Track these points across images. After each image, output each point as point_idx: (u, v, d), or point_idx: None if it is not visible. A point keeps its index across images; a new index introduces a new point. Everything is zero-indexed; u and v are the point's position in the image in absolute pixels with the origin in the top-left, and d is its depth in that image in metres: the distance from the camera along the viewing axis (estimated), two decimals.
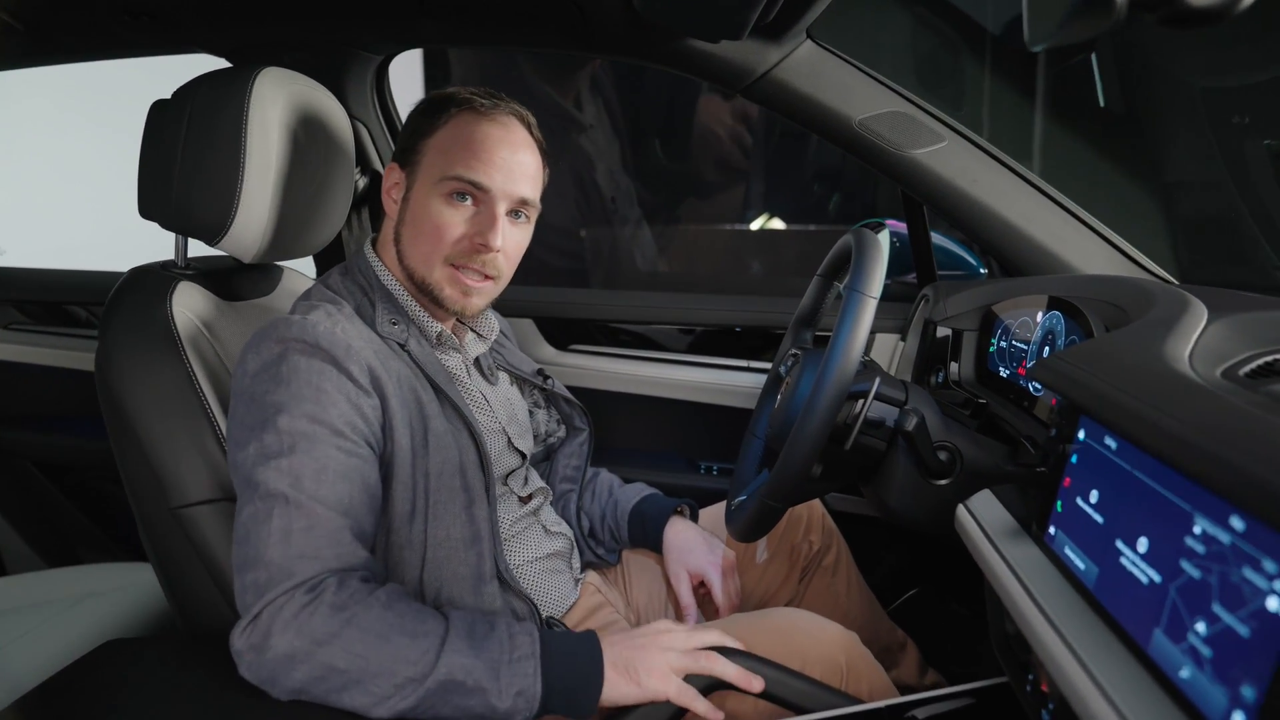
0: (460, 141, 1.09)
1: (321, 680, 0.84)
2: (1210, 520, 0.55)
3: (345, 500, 0.92)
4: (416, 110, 1.16)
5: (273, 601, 0.85)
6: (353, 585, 0.88)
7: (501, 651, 0.87)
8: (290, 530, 0.88)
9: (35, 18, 1.52)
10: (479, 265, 1.10)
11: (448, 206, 1.09)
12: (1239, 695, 0.49)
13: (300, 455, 0.92)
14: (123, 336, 1.09)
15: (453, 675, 0.84)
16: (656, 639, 0.94)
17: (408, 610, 0.88)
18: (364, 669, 0.83)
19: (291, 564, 0.87)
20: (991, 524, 0.89)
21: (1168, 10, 0.58)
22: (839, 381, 0.94)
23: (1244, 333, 0.83)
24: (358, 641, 0.84)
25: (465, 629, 0.89)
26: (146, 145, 1.17)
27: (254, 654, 0.85)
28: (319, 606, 0.85)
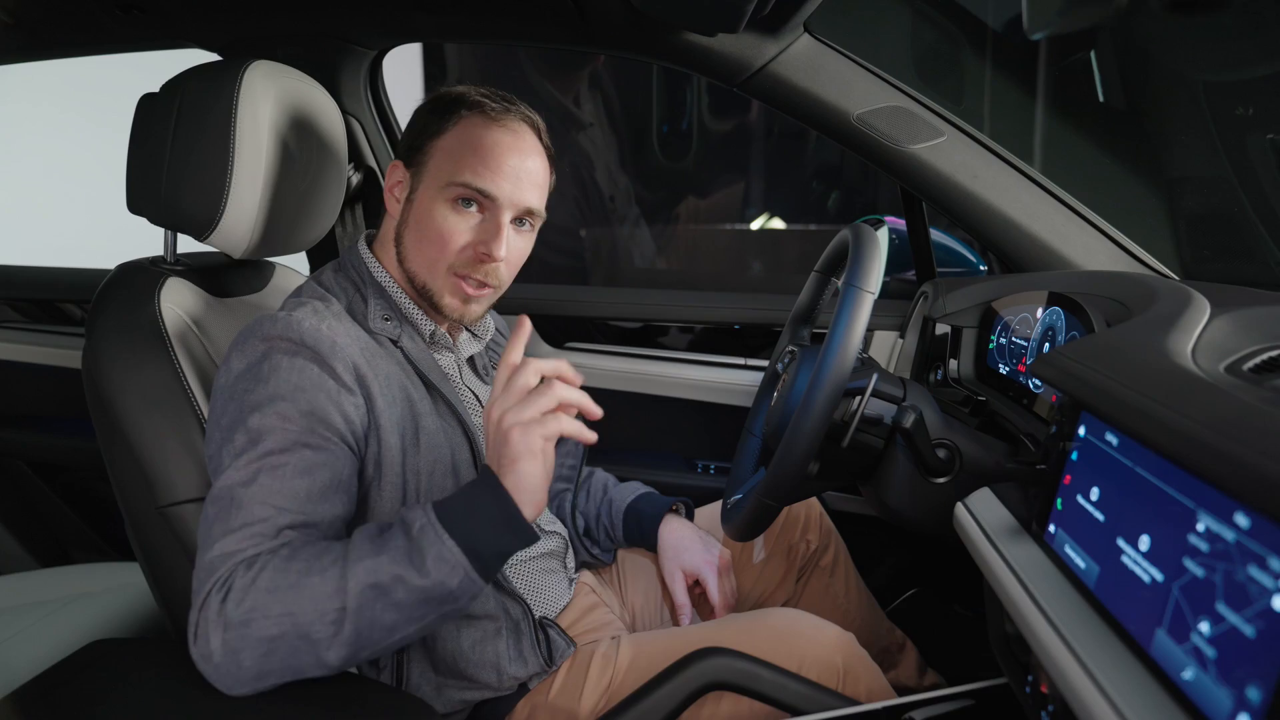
0: (469, 146, 1.06)
1: (269, 656, 0.81)
2: (1214, 517, 0.54)
3: (299, 495, 0.89)
4: (424, 108, 1.13)
5: (200, 607, 0.83)
6: (262, 559, 0.85)
7: (402, 537, 0.84)
8: (228, 529, 0.86)
9: (26, 13, 1.51)
10: (481, 275, 1.08)
11: (453, 213, 1.07)
12: (1244, 697, 0.48)
13: (260, 451, 0.90)
14: (110, 333, 1.08)
15: (369, 581, 0.81)
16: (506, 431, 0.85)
17: (309, 552, 0.85)
18: (294, 623, 0.81)
19: (215, 563, 0.84)
20: (991, 523, 0.87)
21: None
22: (835, 377, 0.92)
23: (1247, 328, 0.81)
24: (275, 603, 0.81)
25: (364, 538, 0.85)
26: (135, 139, 1.15)
27: (206, 663, 0.82)
28: (230, 593, 0.82)
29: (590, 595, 1.26)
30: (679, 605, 1.28)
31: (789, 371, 1.16)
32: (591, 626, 1.21)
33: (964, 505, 0.94)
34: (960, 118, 1.41)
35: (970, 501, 0.94)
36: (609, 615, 1.25)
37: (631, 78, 3.03)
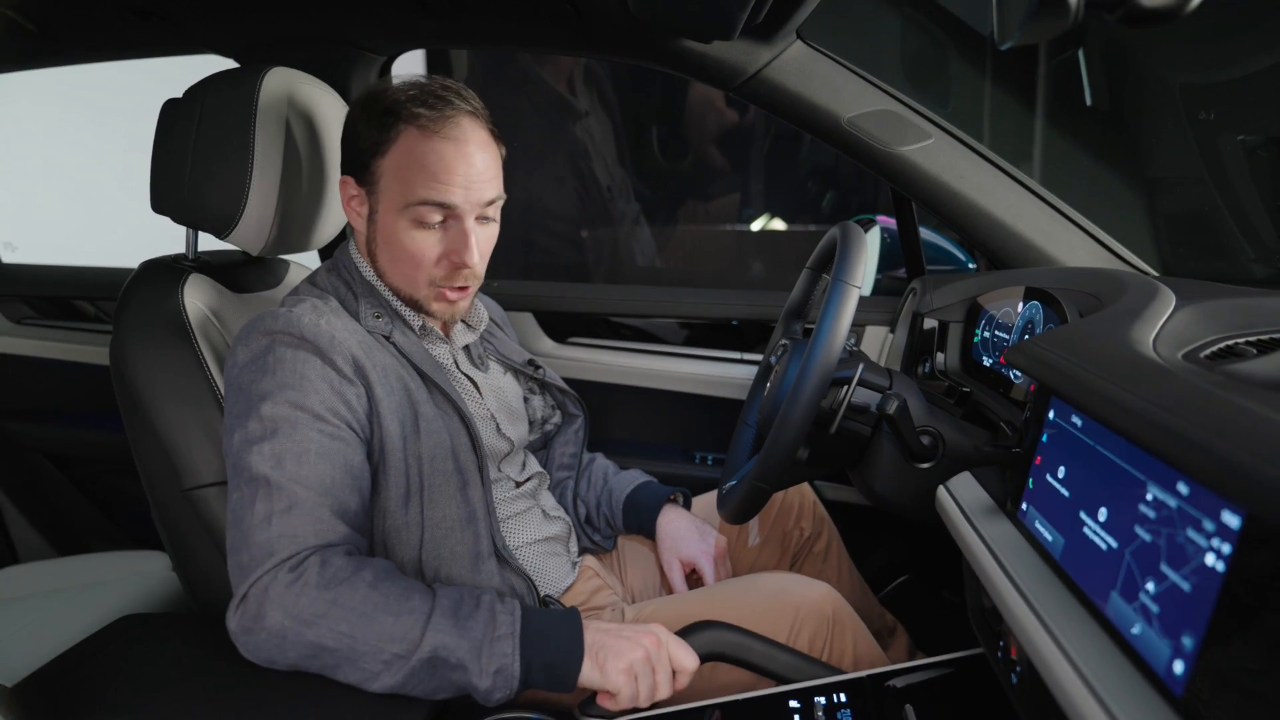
0: (414, 164, 1.07)
1: (313, 658, 0.88)
2: (1160, 487, 0.58)
3: (326, 480, 0.95)
4: (363, 113, 1.11)
5: (257, 581, 0.89)
6: (336, 563, 0.91)
7: (484, 630, 0.90)
8: (272, 512, 0.91)
9: (47, 20, 1.56)
10: (460, 281, 1.12)
11: (418, 230, 1.09)
12: (1180, 645, 0.53)
13: (282, 439, 0.95)
14: (136, 326, 1.13)
15: (437, 653, 0.88)
16: (638, 637, 0.95)
17: (393, 589, 0.91)
18: (352, 648, 0.87)
19: (273, 544, 0.90)
20: (970, 504, 0.92)
21: (1123, 10, 0.61)
22: (823, 366, 0.97)
23: (1208, 319, 0.86)
24: (343, 621, 0.87)
25: (450, 606, 0.91)
26: (159, 143, 1.20)
27: (247, 635, 0.88)
28: (305, 587, 0.88)
29: (594, 578, 1.31)
30: (676, 592, 1.32)
31: (781, 363, 1.21)
32: (596, 605, 1.26)
33: (945, 488, 0.99)
34: (947, 120, 1.46)
35: (951, 485, 0.99)
36: (612, 596, 1.30)
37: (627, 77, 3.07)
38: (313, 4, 1.45)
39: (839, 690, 0.90)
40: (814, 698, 0.89)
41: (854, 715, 0.86)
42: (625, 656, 0.92)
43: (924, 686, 0.89)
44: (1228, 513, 0.51)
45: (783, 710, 0.88)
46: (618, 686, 0.91)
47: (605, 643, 0.93)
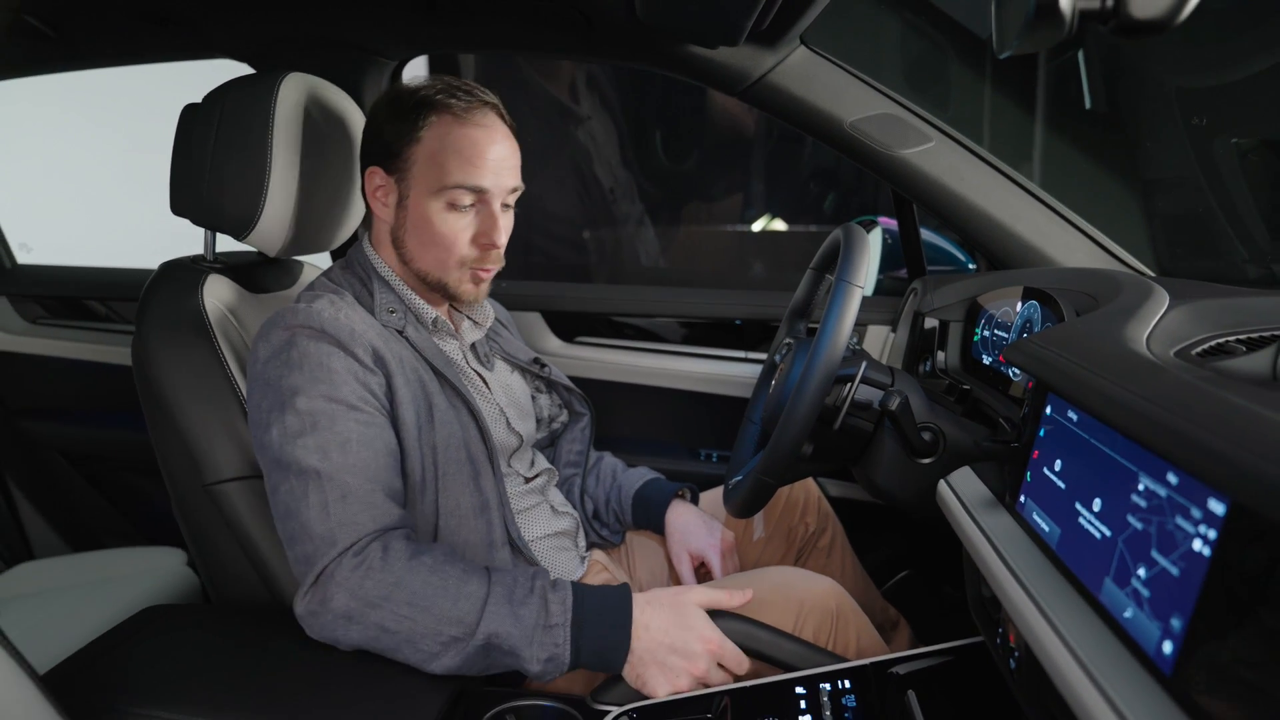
0: (450, 149, 1.12)
1: (376, 640, 0.92)
2: (1151, 478, 0.61)
3: (372, 466, 0.99)
4: (390, 111, 1.16)
5: (324, 569, 0.93)
6: (397, 547, 0.95)
7: (537, 617, 0.94)
8: (327, 502, 0.95)
9: (66, 26, 1.58)
10: (489, 263, 1.17)
11: (451, 214, 1.14)
12: (1169, 627, 0.55)
13: (323, 431, 0.98)
14: (158, 325, 1.15)
15: (490, 638, 0.92)
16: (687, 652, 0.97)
17: (452, 572, 0.95)
18: (412, 630, 0.91)
19: (334, 533, 0.94)
20: (970, 497, 0.95)
21: (1115, 22, 0.64)
22: (827, 363, 1.00)
23: (1200, 318, 0.89)
24: (405, 604, 0.91)
25: (505, 593, 0.96)
26: (178, 146, 1.23)
27: (313, 618, 0.93)
28: (369, 571, 0.92)
29: (603, 572, 1.34)
30: (685, 584, 1.35)
31: (786, 361, 1.24)
32: None
33: (946, 482, 1.01)
34: (948, 124, 1.49)
35: (952, 479, 1.01)
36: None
37: (633, 78, 3.10)
38: (326, 10, 1.47)
39: (843, 677, 0.93)
40: (819, 684, 0.92)
41: (858, 701, 0.89)
42: (671, 684, 0.96)
43: (926, 674, 0.92)
44: (1214, 500, 0.53)
45: (789, 697, 0.91)
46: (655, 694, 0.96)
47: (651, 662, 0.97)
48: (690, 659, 0.97)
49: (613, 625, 0.97)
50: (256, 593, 1.13)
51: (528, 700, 1.00)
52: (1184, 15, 0.64)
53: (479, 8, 1.41)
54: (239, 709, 0.85)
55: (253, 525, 1.11)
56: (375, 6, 1.44)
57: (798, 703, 0.90)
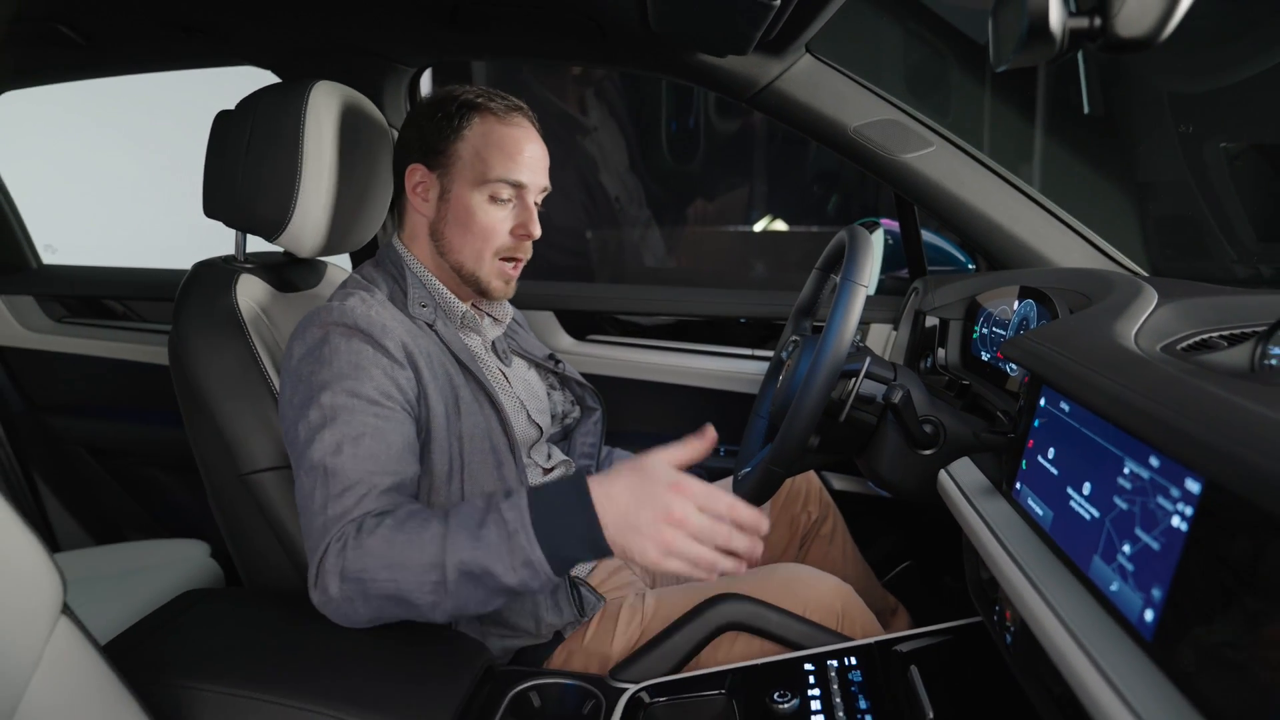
0: (493, 145, 1.20)
1: (381, 609, 0.95)
2: (1136, 461, 0.66)
3: (380, 457, 1.02)
4: (432, 112, 1.22)
5: (320, 560, 0.96)
6: (368, 523, 0.95)
7: (496, 532, 0.91)
8: (328, 497, 0.98)
9: (96, 35, 1.63)
10: (521, 253, 1.25)
11: (493, 206, 1.21)
12: (1150, 597, 0.60)
13: (340, 425, 1.02)
14: (194, 322, 1.20)
15: (462, 567, 0.91)
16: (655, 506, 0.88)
17: (412, 524, 0.94)
18: (399, 588, 0.92)
19: (328, 525, 0.97)
20: (969, 485, 0.99)
21: (1103, 40, 0.69)
22: (834, 358, 1.05)
23: (1186, 315, 0.93)
24: (384, 569, 0.92)
25: (462, 522, 0.93)
26: (212, 151, 1.28)
27: (324, 607, 0.97)
28: (344, 550, 0.94)
29: (614, 560, 1.39)
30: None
31: (793, 357, 1.28)
32: (617, 585, 1.33)
33: (946, 472, 1.06)
34: (948, 129, 1.53)
35: (952, 469, 1.06)
36: (631, 576, 1.37)
37: (642, 88, 3.16)
38: (350, 19, 1.52)
39: (849, 655, 0.98)
40: (827, 661, 0.97)
41: (864, 676, 0.94)
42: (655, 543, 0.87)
43: (927, 651, 0.97)
44: (1190, 480, 0.58)
45: (798, 674, 0.95)
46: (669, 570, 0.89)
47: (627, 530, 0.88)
48: (662, 509, 0.87)
49: (573, 509, 0.90)
50: (289, 578, 1.18)
51: (549, 679, 1.05)
52: (1166, 34, 0.69)
53: (498, 17, 1.46)
54: (281, 685, 0.90)
55: (285, 513, 1.15)
56: (398, 16, 1.49)
57: (807, 678, 0.94)
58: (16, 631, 0.68)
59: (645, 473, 0.92)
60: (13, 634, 0.68)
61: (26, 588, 0.70)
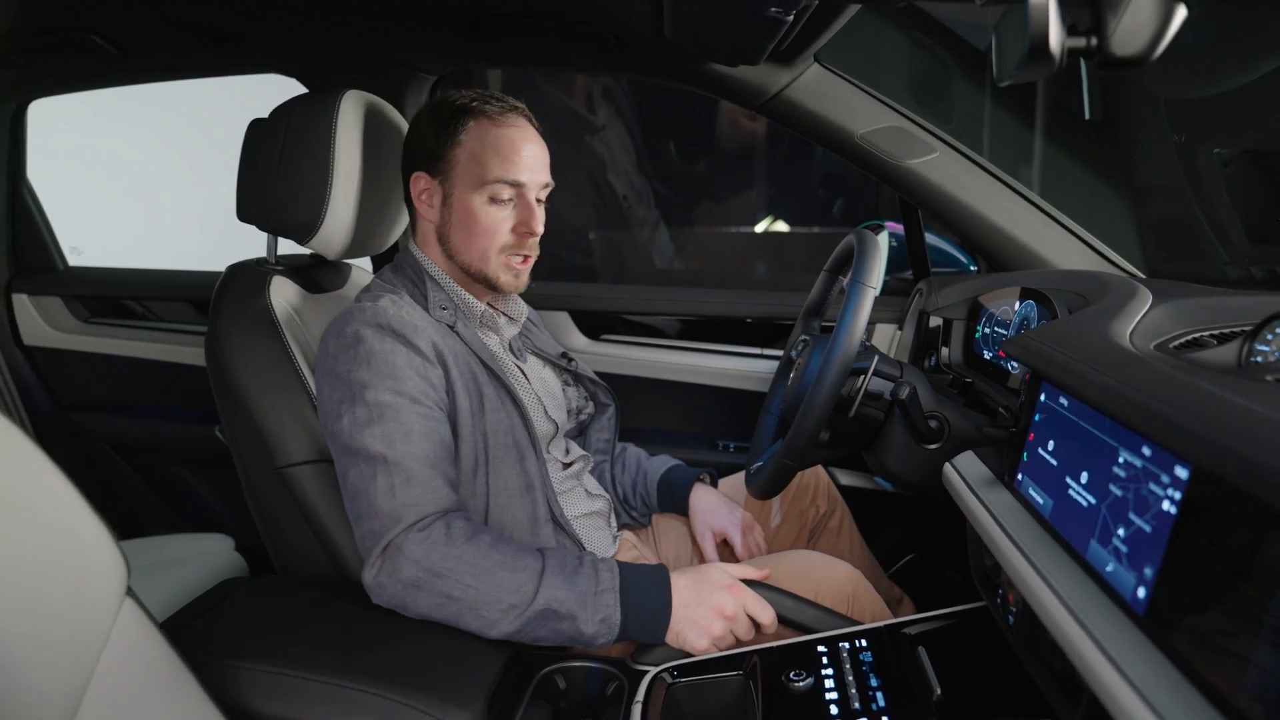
0: (489, 148, 1.23)
1: (441, 607, 1.01)
2: (1129, 451, 0.71)
3: (431, 455, 1.08)
4: (431, 120, 1.27)
5: (391, 542, 1.02)
6: (459, 525, 1.05)
7: (589, 585, 1.04)
8: (393, 484, 1.04)
9: (129, 44, 1.68)
10: (525, 249, 1.28)
11: (493, 206, 1.25)
12: (1143, 575, 0.65)
13: (389, 422, 1.08)
14: (231, 322, 1.25)
15: (549, 605, 1.01)
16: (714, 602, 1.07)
17: (509, 549, 1.05)
18: (475, 598, 1.00)
19: (399, 511, 1.03)
20: (973, 477, 1.04)
21: (1099, 58, 0.73)
22: (844, 356, 1.09)
23: (1179, 315, 0.98)
24: (468, 574, 1.01)
25: (558, 564, 1.05)
26: (245, 158, 1.33)
27: (381, 587, 1.02)
28: (434, 545, 1.01)
29: (633, 549, 1.43)
30: (709, 560, 1.45)
31: (803, 356, 1.33)
32: None
33: (951, 465, 1.10)
34: (951, 135, 1.58)
35: (956, 462, 1.10)
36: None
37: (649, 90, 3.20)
38: (375, 31, 1.57)
39: (860, 637, 1.02)
40: (839, 643, 1.01)
41: (874, 656, 0.98)
42: (708, 632, 1.06)
43: (934, 633, 1.01)
44: (1179, 467, 0.63)
45: (812, 655, 1.00)
46: (697, 650, 1.06)
47: (687, 618, 1.06)
48: (719, 608, 1.07)
49: (655, 590, 1.07)
50: (322, 567, 1.23)
51: (574, 662, 1.10)
52: (1158, 53, 0.73)
53: (517, 28, 1.51)
54: (323, 665, 0.95)
55: (320, 505, 1.20)
56: (421, 27, 1.54)
57: (820, 659, 0.99)
58: (88, 612, 0.73)
59: (710, 575, 1.11)
60: (85, 614, 0.73)
61: (96, 570, 0.74)
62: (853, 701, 0.91)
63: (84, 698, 0.72)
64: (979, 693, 0.90)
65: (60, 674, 0.70)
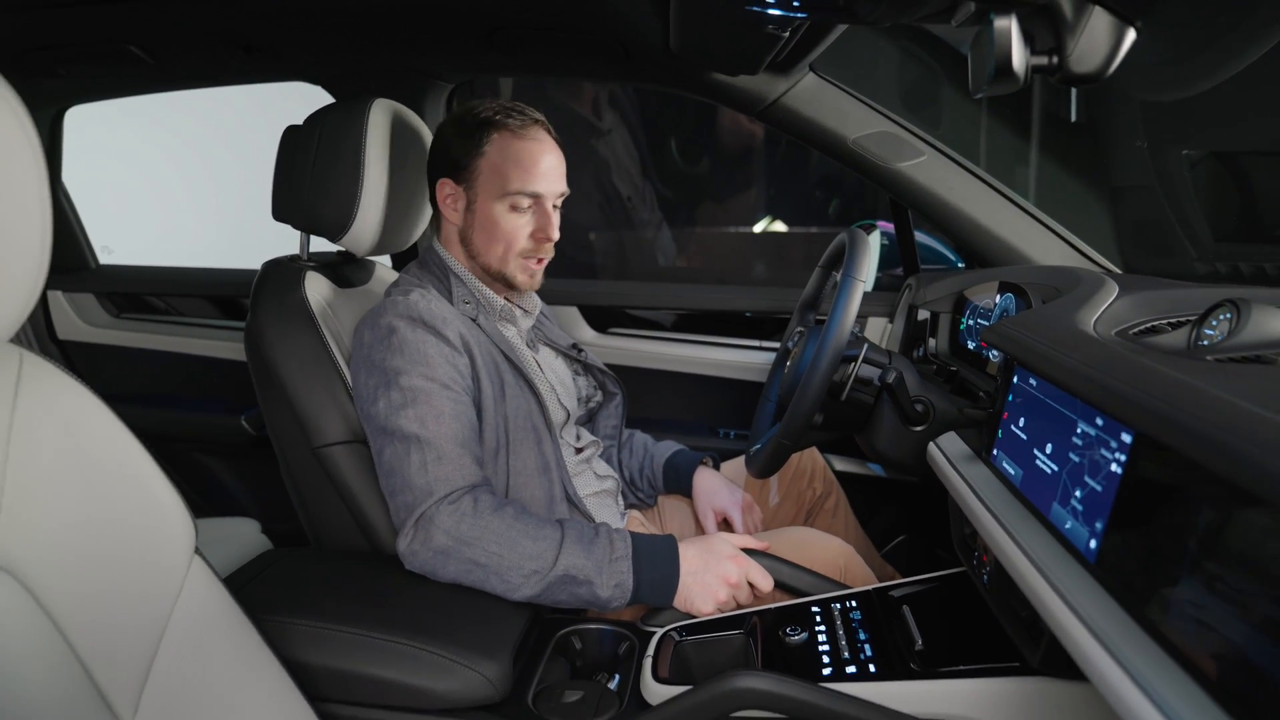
0: (510, 161, 1.31)
1: (468, 572, 1.10)
2: (1085, 423, 0.79)
3: (460, 435, 1.17)
4: (455, 130, 1.34)
5: (424, 514, 1.10)
6: (485, 499, 1.13)
7: (605, 552, 1.13)
8: (426, 461, 1.13)
9: (164, 53, 1.77)
10: (542, 253, 1.37)
11: (513, 214, 1.33)
12: (1094, 529, 0.73)
13: (421, 405, 1.17)
14: (270, 313, 1.33)
15: (568, 571, 1.10)
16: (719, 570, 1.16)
17: (531, 520, 1.14)
18: (500, 564, 1.09)
19: (431, 485, 1.12)
20: (954, 454, 1.12)
21: (1059, 75, 0.82)
22: (836, 343, 1.18)
23: (1141, 305, 1.07)
24: (494, 543, 1.09)
25: (576, 534, 1.14)
26: (281, 162, 1.40)
27: (414, 555, 1.11)
28: (464, 516, 1.10)
29: (640, 527, 1.51)
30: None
31: (799, 346, 1.42)
32: None
33: (935, 444, 1.19)
34: (939, 140, 1.67)
35: (940, 441, 1.19)
36: None
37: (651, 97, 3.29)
38: (397, 40, 1.65)
39: (850, 599, 1.11)
40: (831, 605, 1.10)
41: (863, 615, 1.07)
42: (713, 597, 1.14)
43: (917, 595, 1.10)
44: (1125, 433, 0.71)
45: (807, 615, 1.09)
46: (703, 612, 1.15)
47: (695, 584, 1.15)
48: (724, 575, 1.15)
49: (665, 558, 1.15)
50: (355, 540, 1.31)
51: (589, 625, 1.18)
52: (1111, 70, 0.82)
53: (533, 39, 1.59)
54: (364, 619, 1.03)
55: (354, 481, 1.28)
56: (442, 38, 1.62)
57: (814, 618, 1.08)
58: (165, 565, 0.82)
59: (714, 544, 1.19)
60: (162, 567, 0.82)
61: (171, 528, 0.83)
62: (843, 652, 0.99)
63: (161, 642, 0.80)
64: (956, 644, 0.98)
65: (140, 620, 0.78)
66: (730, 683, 0.89)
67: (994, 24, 0.79)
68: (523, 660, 1.09)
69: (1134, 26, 0.80)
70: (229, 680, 0.86)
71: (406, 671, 0.98)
